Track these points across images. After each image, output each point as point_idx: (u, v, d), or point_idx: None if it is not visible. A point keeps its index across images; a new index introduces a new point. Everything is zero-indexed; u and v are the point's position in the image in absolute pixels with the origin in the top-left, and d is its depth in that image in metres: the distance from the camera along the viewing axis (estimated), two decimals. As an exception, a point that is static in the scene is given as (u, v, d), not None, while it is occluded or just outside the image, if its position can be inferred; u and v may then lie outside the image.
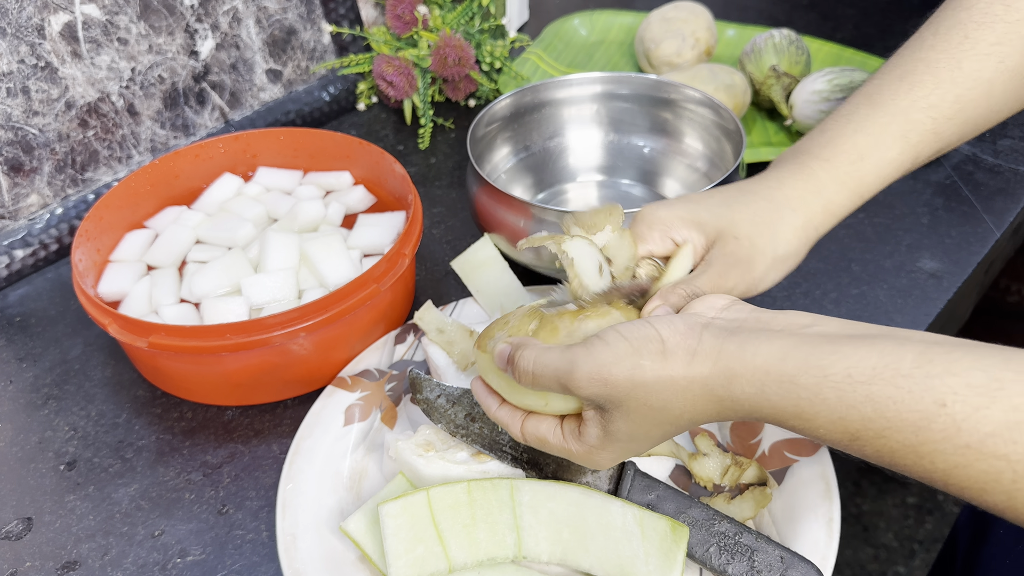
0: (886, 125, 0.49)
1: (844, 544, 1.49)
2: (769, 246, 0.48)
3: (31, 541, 0.57)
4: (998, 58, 0.48)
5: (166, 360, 0.63)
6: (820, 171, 0.49)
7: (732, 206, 0.48)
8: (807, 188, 0.49)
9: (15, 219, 0.80)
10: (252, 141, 0.80)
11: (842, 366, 0.36)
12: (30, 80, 0.76)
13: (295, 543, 0.53)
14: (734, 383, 0.39)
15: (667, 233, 0.49)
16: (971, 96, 0.49)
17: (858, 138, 0.49)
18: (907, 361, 0.35)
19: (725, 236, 0.48)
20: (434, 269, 0.78)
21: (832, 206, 0.50)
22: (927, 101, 0.49)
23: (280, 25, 0.94)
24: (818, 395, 0.37)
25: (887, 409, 0.35)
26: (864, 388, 0.35)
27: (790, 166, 0.50)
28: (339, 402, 0.62)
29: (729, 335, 0.40)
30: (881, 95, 0.50)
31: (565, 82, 0.81)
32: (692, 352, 0.40)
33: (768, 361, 0.38)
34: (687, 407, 0.41)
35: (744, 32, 1.06)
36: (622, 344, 0.41)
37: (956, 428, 0.33)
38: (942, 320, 0.72)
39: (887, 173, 0.50)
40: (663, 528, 0.48)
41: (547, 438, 0.46)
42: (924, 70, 0.49)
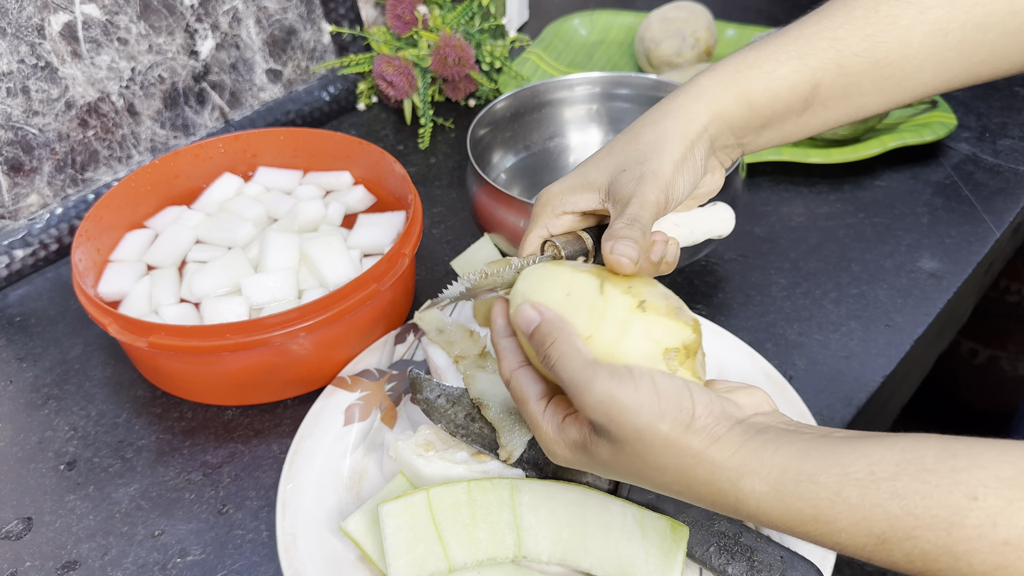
0: (783, 45, 0.48)
1: (844, 544, 1.48)
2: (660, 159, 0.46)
3: (31, 541, 0.57)
4: (919, 8, 0.47)
5: (166, 360, 0.63)
6: (703, 80, 0.48)
7: (615, 151, 0.47)
8: (688, 96, 0.47)
9: (15, 219, 0.80)
10: (252, 141, 0.80)
11: (864, 463, 0.34)
12: (30, 80, 0.76)
13: (295, 543, 0.53)
14: (744, 479, 0.37)
15: (556, 210, 0.47)
16: (884, 38, 0.47)
17: (750, 53, 0.48)
18: (930, 456, 0.33)
19: (615, 177, 0.46)
20: (434, 269, 0.78)
21: (718, 108, 0.47)
22: (834, 33, 0.47)
23: (280, 25, 0.94)
24: (839, 494, 0.34)
25: (915, 506, 0.33)
26: (888, 485, 0.33)
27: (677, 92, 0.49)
28: (339, 402, 0.62)
29: (757, 432, 0.38)
30: (790, 27, 0.49)
31: (565, 82, 0.81)
32: (716, 437, 0.38)
33: (787, 460, 0.36)
34: (683, 483, 0.39)
35: (744, 32, 1.06)
36: (650, 398, 0.38)
37: (992, 523, 0.31)
38: (942, 320, 0.72)
39: (778, 86, 0.47)
40: (663, 528, 0.48)
41: (529, 401, 0.44)
42: (840, 7, 0.48)
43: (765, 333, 0.69)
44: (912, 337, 0.68)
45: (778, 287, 0.73)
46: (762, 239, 0.78)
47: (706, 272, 0.75)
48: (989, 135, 0.90)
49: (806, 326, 0.69)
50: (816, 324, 0.69)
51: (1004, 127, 0.91)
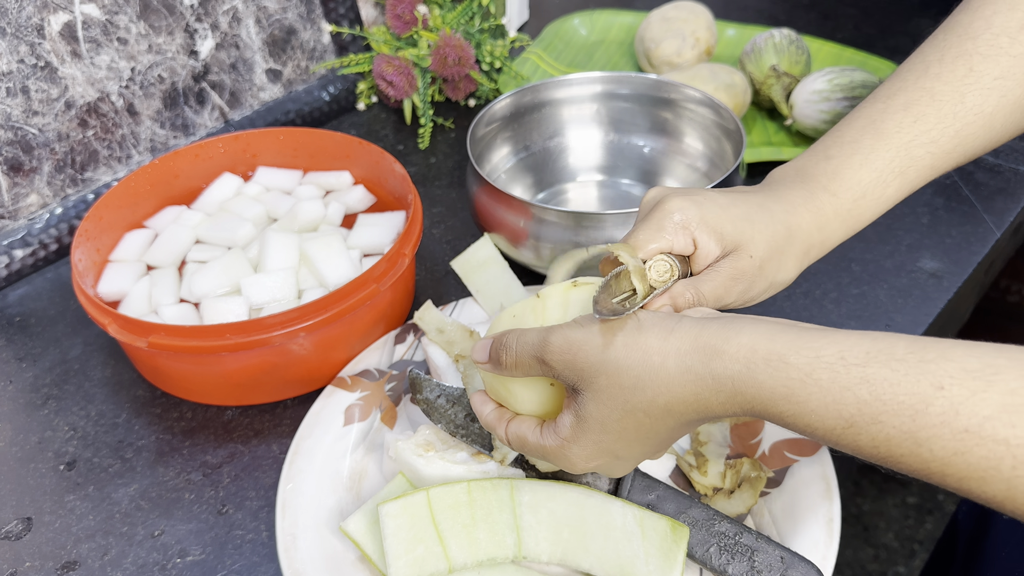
0: (889, 161, 0.49)
1: (844, 544, 1.49)
2: (773, 271, 0.48)
3: (31, 541, 0.57)
4: (1000, 92, 0.48)
5: (166, 360, 0.62)
6: (827, 206, 0.49)
7: (754, 223, 0.48)
8: (814, 222, 0.49)
9: (15, 219, 0.80)
10: (252, 141, 0.80)
11: (835, 348, 0.36)
12: (30, 80, 0.76)
13: (295, 543, 0.53)
14: (716, 360, 0.38)
15: (691, 234, 0.47)
16: (971, 130, 0.49)
17: (863, 174, 0.49)
18: (900, 347, 0.35)
19: (740, 252, 0.47)
20: (434, 269, 0.78)
21: (829, 241, 0.50)
22: (929, 136, 0.49)
23: (280, 25, 0.94)
24: (810, 375, 0.36)
25: (883, 392, 0.34)
26: (859, 370, 0.35)
27: (800, 192, 0.49)
28: (339, 402, 0.62)
29: (710, 320, 0.40)
30: (885, 125, 0.49)
31: (565, 82, 0.81)
32: (669, 329, 0.39)
33: (755, 339, 0.37)
34: (661, 388, 0.39)
35: (744, 32, 1.06)
36: (593, 323, 0.41)
37: (954, 411, 0.33)
38: (942, 320, 0.72)
39: (881, 209, 0.50)
40: (663, 528, 0.48)
41: (526, 436, 0.45)
42: (928, 102, 0.49)
43: (765, 333, 0.68)
44: (912, 337, 0.67)
45: (778, 287, 0.73)
46: (762, 239, 0.78)
47: (706, 272, 0.75)
48: (989, 135, 0.90)
49: (806, 326, 0.69)
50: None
51: (1004, 127, 0.91)
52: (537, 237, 0.67)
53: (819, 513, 0.51)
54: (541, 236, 0.67)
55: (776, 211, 0.48)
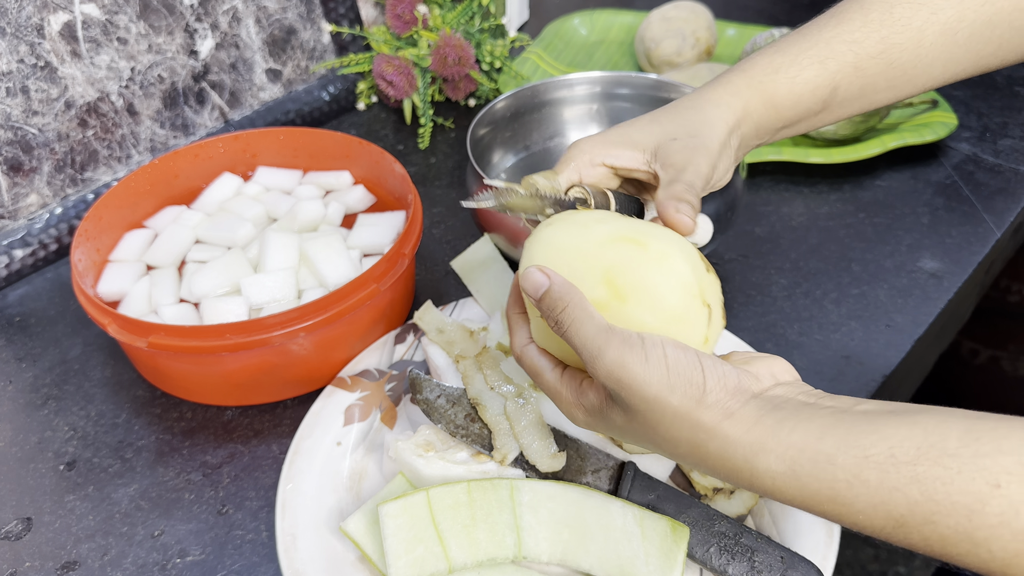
0: (805, 49, 0.50)
1: (844, 544, 1.48)
2: (709, 134, 0.48)
3: (31, 541, 0.57)
4: (930, 9, 0.49)
5: (166, 360, 0.62)
6: (736, 79, 0.50)
7: (660, 120, 0.49)
8: (725, 91, 0.50)
9: (14, 219, 0.80)
10: (252, 141, 0.80)
11: (884, 446, 0.34)
12: (29, 80, 0.76)
13: (295, 543, 0.53)
14: (760, 457, 0.36)
15: (599, 159, 0.48)
16: (898, 40, 0.49)
17: (775, 56, 0.50)
18: (953, 439, 0.33)
19: (663, 143, 0.47)
20: (434, 269, 0.78)
21: (750, 111, 0.50)
22: (851, 36, 0.50)
23: (280, 25, 0.94)
24: (858, 476, 0.34)
25: (935, 492, 0.32)
26: (909, 469, 0.33)
27: (709, 82, 0.51)
28: (339, 402, 0.62)
29: (773, 408, 0.37)
30: (809, 28, 0.51)
31: (565, 82, 0.81)
32: (729, 413, 0.38)
33: (805, 439, 0.35)
34: (693, 453, 0.39)
35: (744, 31, 1.06)
36: (659, 370, 0.38)
37: (1015, 511, 0.31)
38: (942, 320, 0.72)
39: (800, 91, 0.50)
40: (663, 528, 0.48)
41: (544, 372, 0.44)
42: (856, 9, 0.50)
43: (765, 333, 0.68)
44: (913, 337, 0.67)
45: (778, 287, 0.73)
46: (762, 239, 0.78)
47: (706, 272, 0.75)
48: (990, 135, 0.90)
49: (806, 326, 0.69)
50: (816, 324, 0.69)
51: (1005, 127, 0.91)
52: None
53: (819, 513, 0.51)
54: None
55: (680, 103, 0.50)
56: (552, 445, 0.53)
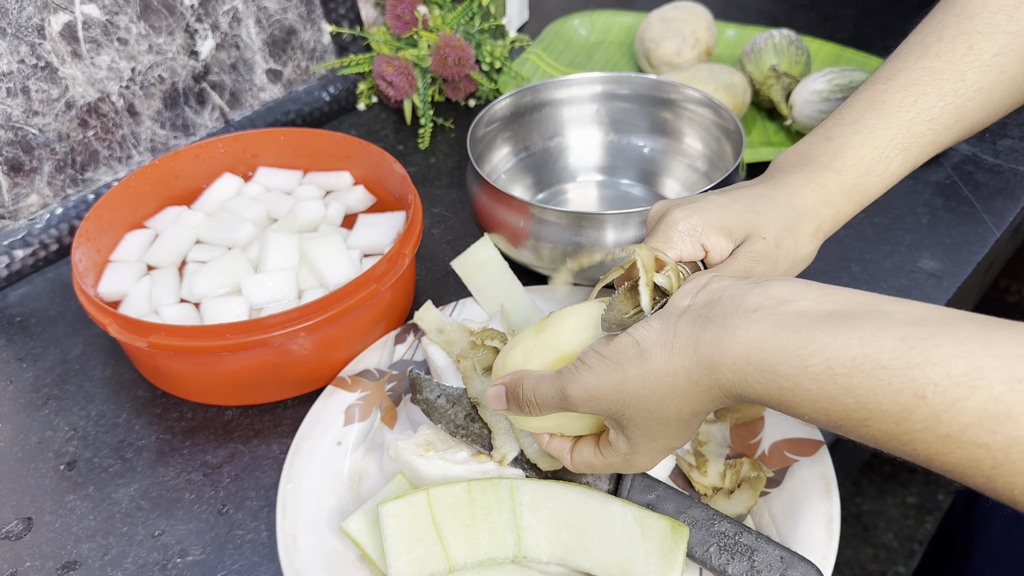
0: (891, 138, 0.50)
1: (844, 544, 1.49)
2: (792, 248, 0.49)
3: (31, 541, 0.57)
4: (999, 69, 0.49)
5: (166, 360, 0.63)
6: (831, 183, 0.50)
7: (759, 212, 0.49)
8: (819, 198, 0.50)
9: (15, 219, 0.80)
10: (252, 141, 0.80)
11: (822, 357, 0.36)
12: (30, 80, 0.76)
13: (295, 543, 0.53)
14: (716, 372, 0.39)
15: (698, 239, 0.48)
16: (971, 107, 0.50)
17: (864, 151, 0.50)
18: (887, 350, 0.35)
19: (753, 237, 0.48)
20: (434, 269, 0.78)
21: (839, 216, 0.51)
22: (930, 114, 0.50)
23: (280, 25, 0.94)
24: (799, 386, 0.37)
25: (868, 401, 0.35)
26: (844, 380, 0.35)
27: (802, 174, 0.51)
28: (339, 402, 0.62)
29: (704, 322, 0.40)
30: (886, 104, 0.50)
31: (565, 82, 0.81)
32: (669, 347, 0.40)
33: (747, 349, 0.38)
34: (682, 401, 0.41)
35: (744, 32, 1.06)
36: (601, 364, 0.42)
37: (936, 419, 0.33)
38: (942, 320, 0.72)
39: (887, 184, 0.51)
40: (663, 528, 0.48)
41: (591, 460, 0.48)
42: (929, 81, 0.50)
43: (765, 333, 0.68)
44: (912, 337, 0.67)
45: (778, 287, 0.73)
46: (762, 239, 0.78)
47: (706, 272, 0.75)
48: (989, 135, 0.90)
49: (806, 326, 0.69)
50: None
51: (1004, 127, 0.91)
52: (537, 237, 0.67)
53: (819, 513, 0.52)
54: (541, 236, 0.67)
55: (778, 197, 0.49)
56: None
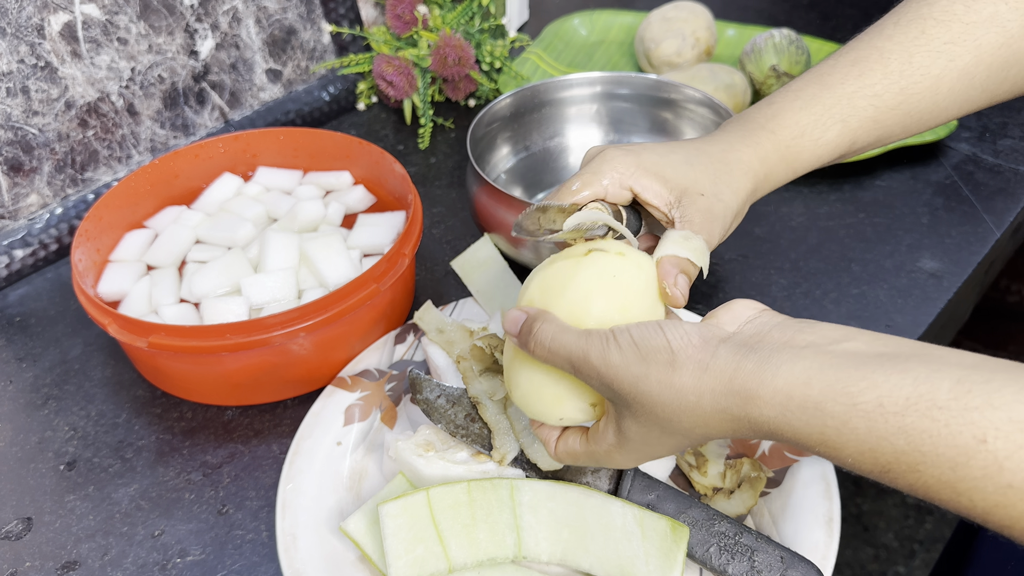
0: (830, 107, 0.50)
1: (844, 544, 1.49)
2: (731, 201, 0.49)
3: (31, 541, 0.57)
4: (948, 56, 0.49)
5: (166, 360, 0.62)
6: (765, 141, 0.50)
7: (694, 165, 0.48)
8: (754, 155, 0.50)
9: (15, 219, 0.80)
10: (252, 141, 0.80)
11: (873, 395, 0.34)
12: (30, 80, 0.76)
13: (295, 543, 0.53)
14: (751, 404, 0.37)
15: (627, 181, 0.48)
16: (916, 89, 0.50)
17: (801, 116, 0.50)
18: (943, 391, 0.32)
19: (690, 193, 0.48)
20: (434, 269, 0.78)
21: (772, 175, 0.51)
22: (872, 90, 0.50)
23: (280, 25, 0.94)
24: (846, 424, 0.34)
25: (922, 443, 0.32)
26: (897, 419, 0.33)
27: (739, 131, 0.51)
28: (339, 402, 0.62)
29: (748, 352, 0.38)
30: (832, 77, 0.51)
31: (565, 82, 0.81)
32: (704, 367, 0.38)
33: (791, 384, 0.36)
34: (697, 422, 0.39)
35: (744, 32, 1.06)
36: (631, 351, 0.40)
37: (998, 467, 0.31)
38: (942, 320, 0.72)
39: (822, 153, 0.51)
40: (663, 528, 0.48)
41: (575, 448, 0.46)
42: (876, 59, 0.50)
43: (765, 333, 0.68)
44: (912, 337, 0.68)
45: (778, 287, 0.73)
46: (762, 239, 0.78)
47: (706, 272, 0.75)
48: (989, 135, 0.90)
49: (806, 326, 0.69)
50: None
51: (1004, 127, 0.91)
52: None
53: (819, 513, 0.52)
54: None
55: (713, 152, 0.50)
56: None
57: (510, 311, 0.44)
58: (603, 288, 0.43)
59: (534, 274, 0.46)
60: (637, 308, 0.43)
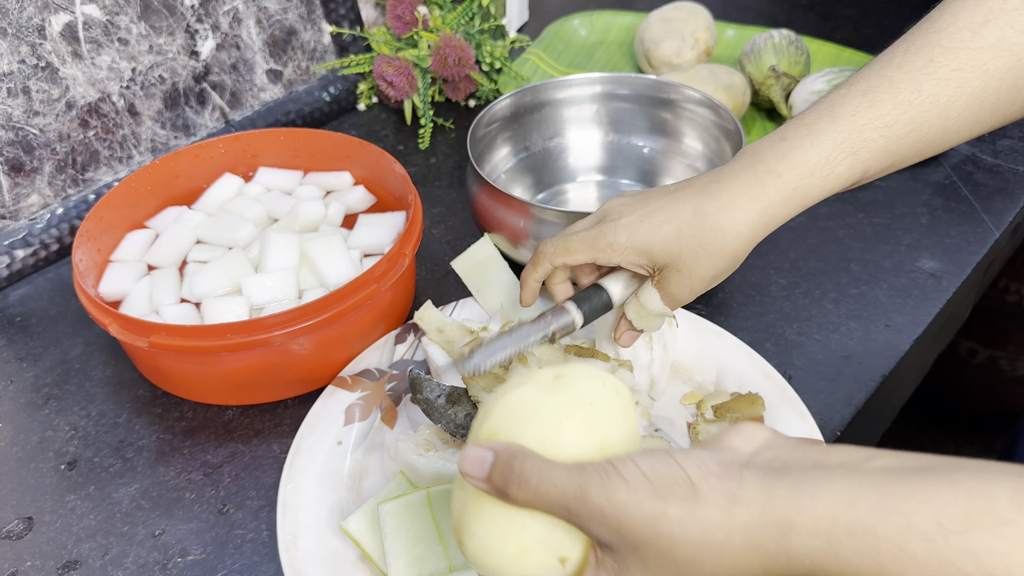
0: (841, 141, 0.50)
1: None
2: (710, 270, 0.52)
3: (32, 541, 0.57)
4: (957, 83, 0.49)
5: (167, 360, 0.63)
6: (772, 188, 0.51)
7: (682, 239, 0.51)
8: (756, 208, 0.51)
9: (16, 219, 0.80)
10: (252, 141, 0.80)
11: (928, 512, 0.30)
12: (31, 80, 0.76)
13: (296, 542, 0.53)
14: (791, 536, 0.32)
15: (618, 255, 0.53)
16: (926, 117, 0.50)
17: (812, 153, 0.50)
18: (1004, 503, 0.30)
19: (670, 268, 0.53)
20: (434, 269, 0.78)
21: (775, 221, 0.52)
22: (883, 121, 0.50)
23: (280, 25, 0.94)
24: (903, 548, 0.30)
25: (993, 565, 0.29)
26: (960, 540, 0.30)
27: (747, 179, 0.51)
28: (339, 402, 0.62)
29: (777, 476, 0.33)
30: (843, 108, 0.51)
31: (565, 82, 0.81)
32: (732, 497, 0.33)
33: (834, 508, 0.32)
34: (725, 563, 0.34)
35: (743, 32, 1.06)
36: (643, 486, 0.34)
37: None
38: (941, 320, 0.72)
39: (832, 187, 0.51)
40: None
41: None
42: (887, 88, 0.50)
43: (765, 333, 0.69)
44: (911, 337, 0.68)
45: (778, 287, 0.73)
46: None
47: (706, 272, 0.75)
48: (988, 135, 0.90)
49: (805, 326, 0.69)
50: (815, 324, 0.69)
51: (1004, 128, 0.91)
52: (537, 237, 0.67)
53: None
54: (541, 236, 0.67)
55: (711, 212, 0.51)
56: None
57: (468, 448, 0.37)
58: (579, 418, 0.37)
59: (492, 403, 0.39)
60: (616, 442, 0.38)
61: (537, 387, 0.38)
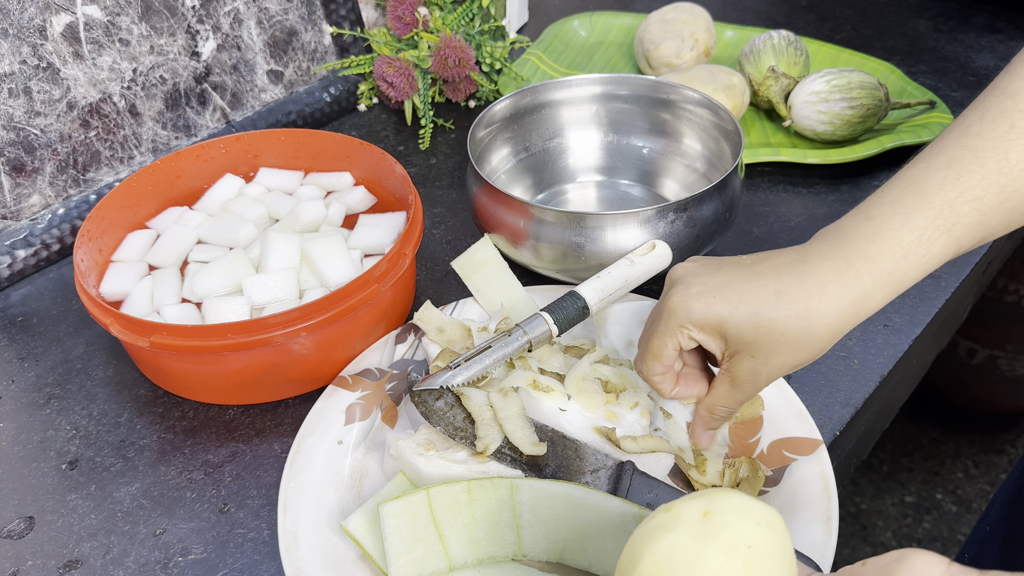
0: (933, 219, 0.48)
1: (842, 543, 1.49)
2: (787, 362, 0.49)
3: (33, 540, 0.57)
4: None
5: (168, 359, 0.63)
6: (864, 273, 0.48)
7: (759, 324, 0.48)
8: (849, 295, 0.48)
9: (17, 219, 0.80)
10: (253, 142, 0.81)
11: None
12: (32, 81, 0.76)
13: (296, 542, 0.53)
14: None
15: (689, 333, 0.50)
16: (1017, 186, 0.48)
17: (904, 233, 0.48)
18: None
19: (743, 354, 0.49)
20: (434, 269, 0.78)
21: (866, 311, 0.49)
22: (973, 193, 0.48)
23: (281, 26, 0.94)
24: None
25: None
26: None
27: (836, 263, 0.48)
28: (340, 401, 0.62)
29: None
30: (928, 183, 0.48)
31: (565, 83, 0.81)
32: None
33: None
34: None
35: (743, 33, 1.07)
36: None
37: None
38: (940, 320, 0.72)
39: (927, 268, 0.49)
40: (662, 527, 0.48)
41: None
42: (971, 159, 0.48)
43: (764, 333, 0.69)
44: (910, 337, 0.68)
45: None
46: (761, 239, 0.79)
47: (705, 272, 0.75)
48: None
49: (804, 326, 0.69)
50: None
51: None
52: (537, 238, 0.67)
53: (817, 512, 0.52)
54: (541, 237, 0.67)
55: (797, 296, 0.48)
56: (534, 435, 0.54)
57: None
58: (738, 568, 0.35)
59: (640, 547, 0.38)
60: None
61: (687, 532, 0.36)
